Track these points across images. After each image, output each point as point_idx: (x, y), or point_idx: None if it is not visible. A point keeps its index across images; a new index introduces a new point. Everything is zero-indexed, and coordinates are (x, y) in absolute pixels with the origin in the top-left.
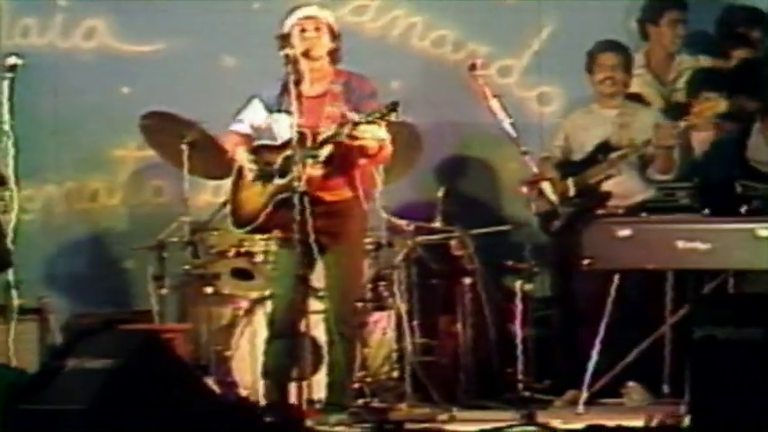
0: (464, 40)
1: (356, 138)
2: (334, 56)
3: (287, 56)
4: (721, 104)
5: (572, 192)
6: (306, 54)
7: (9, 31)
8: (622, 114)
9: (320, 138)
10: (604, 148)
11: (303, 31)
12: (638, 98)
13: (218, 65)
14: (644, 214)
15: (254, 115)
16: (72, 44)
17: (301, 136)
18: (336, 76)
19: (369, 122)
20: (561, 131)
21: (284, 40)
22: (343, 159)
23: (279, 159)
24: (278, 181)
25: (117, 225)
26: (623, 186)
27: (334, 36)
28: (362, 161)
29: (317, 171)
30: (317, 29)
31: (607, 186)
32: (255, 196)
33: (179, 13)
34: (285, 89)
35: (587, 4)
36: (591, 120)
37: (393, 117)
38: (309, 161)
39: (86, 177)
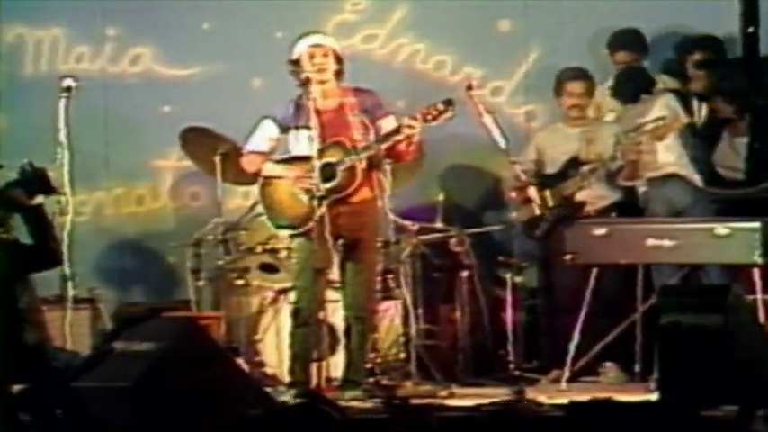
0: (461, 64)
1: (412, 134)
2: (338, 75)
3: (301, 78)
4: (674, 124)
5: (551, 202)
6: (317, 78)
7: (65, 58)
8: (586, 131)
9: (381, 136)
10: (574, 163)
11: (312, 57)
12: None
13: (247, 86)
14: (613, 215)
15: (268, 134)
16: (120, 69)
17: (340, 143)
18: (344, 91)
19: (426, 120)
20: (533, 148)
21: (295, 65)
22: (370, 163)
23: (316, 167)
24: (326, 186)
25: (160, 226)
26: (593, 193)
27: (339, 59)
28: (388, 162)
29: (360, 173)
30: (325, 55)
31: (580, 195)
32: (294, 201)
33: (213, 41)
34: (299, 108)
35: (567, 33)
36: (559, 137)
37: (450, 114)
38: (362, 158)
39: (133, 184)
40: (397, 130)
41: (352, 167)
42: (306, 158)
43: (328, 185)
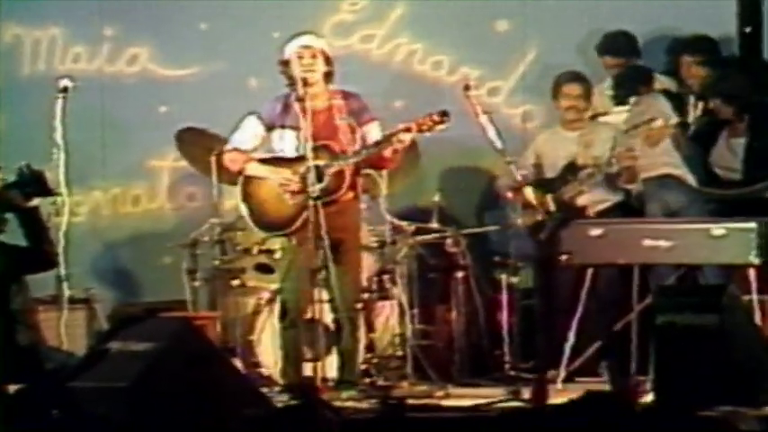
0: (458, 65)
1: (401, 142)
2: (328, 77)
3: (290, 78)
4: (665, 130)
5: (552, 207)
6: (305, 79)
7: (62, 58)
8: (584, 134)
9: (372, 143)
10: (572, 167)
11: (301, 58)
12: (595, 116)
13: (244, 86)
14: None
15: (253, 131)
16: (117, 69)
17: (327, 147)
18: (332, 93)
19: (421, 130)
20: (532, 151)
21: (285, 65)
22: (356, 166)
23: (304, 169)
24: (318, 186)
25: (156, 226)
26: (594, 197)
27: (328, 61)
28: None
29: (348, 177)
30: (314, 56)
31: (580, 199)
32: (278, 202)
33: (210, 41)
34: (287, 107)
35: (565, 33)
36: (557, 141)
37: (444, 126)
38: (349, 164)
39: (129, 185)
40: (388, 139)
41: (340, 171)
42: (290, 160)
43: (320, 186)
